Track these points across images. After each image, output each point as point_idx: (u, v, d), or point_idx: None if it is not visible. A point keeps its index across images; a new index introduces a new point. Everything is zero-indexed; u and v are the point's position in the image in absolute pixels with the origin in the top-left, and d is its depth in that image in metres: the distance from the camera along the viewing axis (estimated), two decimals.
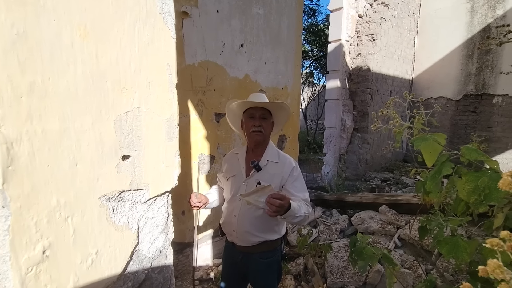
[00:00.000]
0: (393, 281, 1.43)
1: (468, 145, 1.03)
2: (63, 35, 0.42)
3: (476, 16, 6.17)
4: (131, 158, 0.55)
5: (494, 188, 0.85)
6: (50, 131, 0.41)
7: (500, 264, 0.33)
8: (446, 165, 1.05)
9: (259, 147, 1.53)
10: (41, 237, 0.42)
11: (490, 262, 0.34)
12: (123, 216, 0.56)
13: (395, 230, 3.40)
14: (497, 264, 0.33)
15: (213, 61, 2.88)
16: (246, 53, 3.35)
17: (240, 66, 3.27)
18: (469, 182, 0.93)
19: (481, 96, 6.30)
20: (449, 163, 1.05)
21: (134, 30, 0.52)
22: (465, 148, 1.01)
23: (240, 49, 3.24)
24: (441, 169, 1.05)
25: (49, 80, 0.41)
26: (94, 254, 0.50)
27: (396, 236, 3.28)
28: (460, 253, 1.06)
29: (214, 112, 2.94)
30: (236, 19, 3.16)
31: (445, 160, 1.07)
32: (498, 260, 0.35)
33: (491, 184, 0.87)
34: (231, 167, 1.59)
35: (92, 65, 0.46)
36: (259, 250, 1.51)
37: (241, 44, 3.27)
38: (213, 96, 2.92)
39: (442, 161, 1.07)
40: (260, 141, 1.49)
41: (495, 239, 0.36)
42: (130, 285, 0.60)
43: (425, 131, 1.13)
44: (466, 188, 0.93)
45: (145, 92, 0.56)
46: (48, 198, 0.43)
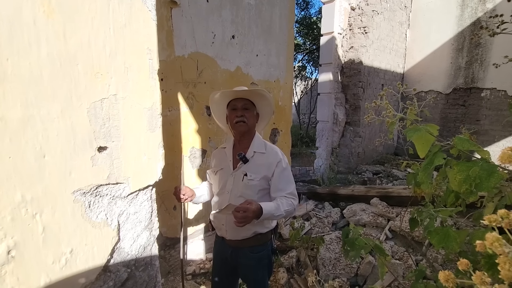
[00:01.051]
0: (384, 271, 1.44)
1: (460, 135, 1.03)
2: (23, 11, 0.37)
3: (467, 9, 6.21)
4: (108, 149, 0.51)
5: (485, 177, 0.85)
6: (10, 120, 0.37)
7: (499, 237, 0.31)
8: (438, 156, 1.05)
9: (244, 139, 1.52)
10: (4, 236, 0.38)
11: (488, 236, 0.32)
12: (101, 212, 0.52)
13: (386, 222, 3.45)
14: (496, 237, 0.31)
15: (204, 52, 2.82)
16: (237, 45, 3.28)
17: (231, 58, 3.21)
18: (460, 172, 0.93)
19: (470, 89, 6.40)
20: (441, 154, 1.05)
21: (108, 9, 0.48)
22: (457, 138, 1.00)
23: (231, 40, 3.18)
24: (433, 159, 1.05)
25: (8, 61, 0.36)
26: (68, 253, 0.47)
27: (387, 228, 3.33)
28: (450, 243, 1.07)
29: (205, 106, 2.88)
30: (227, 10, 3.08)
31: (437, 151, 1.06)
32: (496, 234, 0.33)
33: (482, 173, 0.87)
34: (219, 161, 1.59)
35: (59, 46, 0.42)
36: (249, 245, 1.50)
37: (232, 36, 3.20)
38: (204, 88, 2.85)
39: (434, 152, 1.06)
40: (244, 132, 1.48)
41: (493, 215, 0.34)
42: (111, 285, 0.57)
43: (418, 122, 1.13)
44: (458, 178, 0.93)
45: (122, 78, 0.52)
46: (11, 193, 0.39)
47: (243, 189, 1.44)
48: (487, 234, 0.38)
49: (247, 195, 1.43)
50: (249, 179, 1.44)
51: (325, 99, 6.01)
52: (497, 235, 0.36)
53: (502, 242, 0.35)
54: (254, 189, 1.44)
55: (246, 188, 1.44)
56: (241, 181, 1.45)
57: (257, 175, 1.44)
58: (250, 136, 1.52)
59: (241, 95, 1.48)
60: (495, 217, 0.38)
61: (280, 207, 1.35)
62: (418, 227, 1.41)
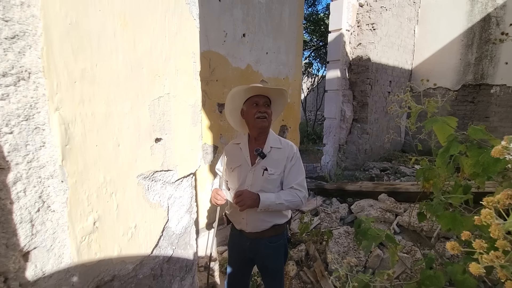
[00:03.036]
0: (395, 259, 1.50)
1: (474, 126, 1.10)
2: (107, 25, 0.45)
3: (477, 5, 6.14)
4: (162, 141, 0.59)
5: (492, 163, 0.92)
6: (98, 114, 0.45)
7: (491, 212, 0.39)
8: (453, 145, 1.11)
9: (262, 135, 1.55)
10: (92, 210, 0.47)
11: (483, 211, 0.39)
12: (155, 194, 0.60)
13: (394, 217, 3.49)
14: (488, 212, 0.39)
15: (216, 51, 2.89)
16: (248, 43, 3.34)
17: (242, 56, 3.27)
18: (472, 157, 1.00)
19: (480, 86, 6.34)
20: (456, 143, 1.11)
21: (164, 20, 0.56)
22: (472, 128, 1.07)
23: (242, 39, 3.24)
24: (449, 147, 1.11)
25: (97, 67, 0.44)
26: (133, 227, 0.55)
27: (395, 222, 3.38)
28: (457, 226, 1.13)
29: (217, 103, 2.96)
30: (238, 8, 3.14)
31: (453, 140, 1.13)
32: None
33: (490, 159, 0.94)
34: (234, 157, 1.60)
35: (130, 53, 0.50)
36: (268, 235, 1.55)
37: (243, 34, 3.26)
38: (215, 86, 2.93)
39: (451, 140, 1.13)
40: (265, 127, 1.52)
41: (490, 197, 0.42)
42: (161, 259, 0.65)
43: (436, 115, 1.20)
44: (469, 162, 1.00)
45: (174, 79, 0.60)
46: (97, 175, 0.47)
47: (264, 183, 1.49)
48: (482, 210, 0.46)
49: (268, 189, 1.48)
50: (270, 174, 1.48)
51: (333, 96, 6.03)
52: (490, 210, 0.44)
53: (493, 215, 0.43)
54: (275, 183, 1.49)
55: (267, 182, 1.48)
56: (261, 176, 1.49)
57: (276, 169, 1.49)
58: (266, 132, 1.58)
59: (266, 92, 1.52)
60: (492, 198, 0.46)
61: (280, 197, 1.43)
62: (426, 220, 1.47)
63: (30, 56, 0.37)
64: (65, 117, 0.41)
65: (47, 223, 0.41)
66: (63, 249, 0.44)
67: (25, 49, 0.37)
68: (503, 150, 0.45)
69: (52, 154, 0.41)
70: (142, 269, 0.60)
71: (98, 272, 0.50)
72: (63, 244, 0.44)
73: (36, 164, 0.39)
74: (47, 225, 0.41)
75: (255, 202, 1.39)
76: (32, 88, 0.38)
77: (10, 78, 0.36)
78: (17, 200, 0.38)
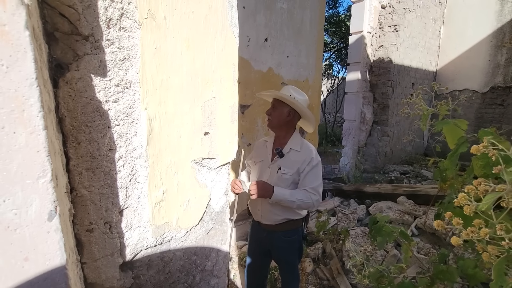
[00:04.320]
0: (409, 255, 1.57)
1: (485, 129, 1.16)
2: (177, 47, 0.61)
3: (507, 5, 5.90)
4: (209, 134, 0.75)
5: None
6: (169, 113, 0.61)
7: (465, 195, 0.51)
8: (463, 146, 1.18)
9: (282, 135, 1.68)
10: (162, 184, 0.63)
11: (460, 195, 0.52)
12: (202, 177, 0.76)
13: (413, 219, 3.49)
14: (464, 195, 0.51)
15: (239, 55, 3.04)
16: (270, 47, 3.49)
17: (264, 59, 3.42)
18: (482, 159, 1.06)
19: (510, 88, 6.08)
20: (466, 144, 1.18)
21: (214, 40, 0.71)
22: (482, 131, 1.13)
23: (264, 43, 3.39)
24: (458, 149, 1.18)
25: (170, 78, 0.61)
26: (187, 201, 0.71)
27: (413, 225, 3.38)
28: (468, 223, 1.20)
29: (240, 104, 3.13)
30: (261, 14, 3.29)
31: (463, 142, 1.19)
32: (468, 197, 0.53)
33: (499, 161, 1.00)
34: (259, 153, 1.77)
35: (190, 67, 0.66)
36: (282, 229, 1.66)
37: (265, 39, 3.41)
38: (238, 88, 3.10)
39: (461, 143, 1.19)
40: (271, 127, 1.65)
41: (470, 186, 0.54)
42: (204, 230, 0.81)
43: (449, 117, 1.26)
44: (479, 164, 1.07)
45: (219, 85, 0.75)
46: (166, 158, 0.63)
47: (277, 180, 1.60)
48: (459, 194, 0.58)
49: (280, 187, 1.59)
50: (283, 173, 1.60)
51: (353, 98, 6.04)
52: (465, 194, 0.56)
53: (467, 198, 0.55)
54: (287, 182, 1.60)
55: (280, 180, 1.60)
56: (276, 173, 1.62)
57: (290, 170, 1.58)
58: (288, 133, 1.68)
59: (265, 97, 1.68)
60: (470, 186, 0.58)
61: (294, 195, 1.52)
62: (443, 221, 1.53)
63: (131, 72, 0.54)
64: (150, 114, 0.57)
65: (134, 191, 0.58)
66: (143, 211, 0.60)
67: (129, 67, 0.53)
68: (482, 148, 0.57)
69: (141, 140, 0.57)
70: (190, 235, 0.76)
71: (163, 232, 0.66)
72: (144, 207, 0.60)
73: (131, 148, 0.56)
74: (135, 192, 0.58)
75: (267, 193, 1.47)
76: (131, 94, 0.54)
77: (120, 88, 0.52)
78: (119, 172, 0.55)
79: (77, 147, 0.47)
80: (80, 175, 0.48)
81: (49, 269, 0.38)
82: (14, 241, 0.36)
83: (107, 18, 0.48)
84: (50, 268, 0.38)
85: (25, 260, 0.36)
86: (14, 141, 0.35)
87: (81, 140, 0.47)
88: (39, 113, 0.37)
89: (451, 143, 1.14)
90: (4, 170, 0.34)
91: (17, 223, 0.36)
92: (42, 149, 0.38)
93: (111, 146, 0.52)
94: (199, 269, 0.81)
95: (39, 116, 0.37)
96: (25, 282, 0.36)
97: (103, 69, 0.49)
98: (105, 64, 0.49)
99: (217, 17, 0.70)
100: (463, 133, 1.16)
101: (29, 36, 0.34)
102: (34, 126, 0.37)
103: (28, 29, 0.34)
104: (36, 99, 0.36)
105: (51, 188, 0.39)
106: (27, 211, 0.36)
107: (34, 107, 0.37)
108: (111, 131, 0.52)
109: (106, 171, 0.52)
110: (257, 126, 3.38)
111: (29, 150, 0.37)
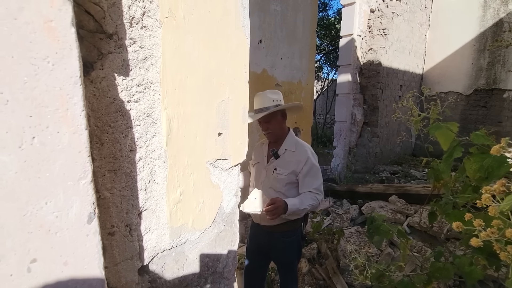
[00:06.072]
0: (406, 253, 1.61)
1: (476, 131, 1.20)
2: (194, 47, 0.61)
3: (489, 10, 6.16)
4: (222, 135, 0.74)
5: (496, 167, 1.03)
6: (186, 113, 0.60)
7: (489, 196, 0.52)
8: (457, 149, 1.22)
9: (278, 139, 1.69)
10: (179, 185, 0.62)
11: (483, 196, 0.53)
12: (215, 178, 0.75)
13: (405, 218, 3.57)
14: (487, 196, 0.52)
15: None
16: (264, 49, 3.51)
17: (258, 61, 3.44)
18: (476, 162, 1.09)
19: (492, 90, 6.34)
20: (460, 148, 1.22)
21: (228, 41, 0.71)
22: (474, 134, 1.17)
23: (259, 45, 3.41)
24: (453, 152, 1.22)
25: (187, 78, 0.60)
26: (202, 203, 0.70)
27: (405, 223, 3.46)
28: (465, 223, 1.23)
29: None
30: (255, 16, 3.31)
31: (456, 145, 1.23)
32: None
33: (494, 164, 1.04)
34: (257, 155, 1.79)
35: (206, 67, 0.65)
36: (281, 230, 1.68)
37: (260, 40, 3.43)
38: None
39: (454, 146, 1.23)
40: (273, 139, 1.67)
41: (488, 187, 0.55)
42: (216, 231, 0.81)
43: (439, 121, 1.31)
44: (473, 167, 1.10)
45: (232, 86, 0.75)
46: (183, 159, 0.62)
47: (273, 181, 1.63)
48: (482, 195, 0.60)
49: (276, 187, 1.63)
50: (278, 173, 1.62)
51: (344, 99, 6.14)
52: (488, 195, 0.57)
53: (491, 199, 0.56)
54: (282, 182, 1.62)
55: (275, 181, 1.62)
56: (272, 174, 1.64)
57: (285, 170, 1.60)
58: (283, 136, 1.70)
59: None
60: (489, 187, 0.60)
61: (304, 202, 1.53)
62: (437, 220, 1.57)
63: (152, 72, 0.53)
64: (169, 114, 0.57)
65: (153, 192, 0.57)
66: (161, 213, 0.59)
67: (150, 67, 0.52)
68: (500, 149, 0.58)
69: (160, 141, 0.56)
70: (204, 237, 0.76)
71: (179, 234, 0.65)
72: (162, 209, 0.59)
73: (150, 148, 0.55)
74: (153, 194, 0.57)
75: (283, 211, 1.45)
76: (152, 94, 0.53)
77: (141, 87, 0.51)
78: (139, 173, 0.54)
79: (101, 147, 0.46)
80: (103, 176, 0.46)
81: (86, 274, 0.36)
82: (54, 245, 0.34)
83: (130, 17, 0.47)
84: (88, 272, 0.37)
85: (64, 265, 0.35)
86: (58, 141, 0.34)
87: (104, 141, 0.46)
88: (81, 112, 0.36)
89: (444, 144, 1.18)
90: (47, 171, 0.33)
91: (58, 226, 0.34)
92: (84, 149, 0.37)
93: (132, 146, 0.51)
94: (211, 272, 0.80)
95: (81, 115, 0.36)
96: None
97: (125, 68, 0.48)
98: (128, 63, 0.48)
99: (231, 18, 0.70)
100: (454, 135, 1.19)
101: (75, 33, 0.33)
102: (77, 126, 0.35)
103: (74, 26, 0.33)
104: (79, 98, 0.35)
105: (91, 189, 0.38)
106: (68, 214, 0.35)
107: (77, 106, 0.35)
108: (132, 131, 0.51)
109: (127, 173, 0.51)
110: (252, 128, 3.38)
111: (72, 150, 0.35)
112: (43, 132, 0.34)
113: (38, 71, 0.33)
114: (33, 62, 0.32)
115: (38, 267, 0.32)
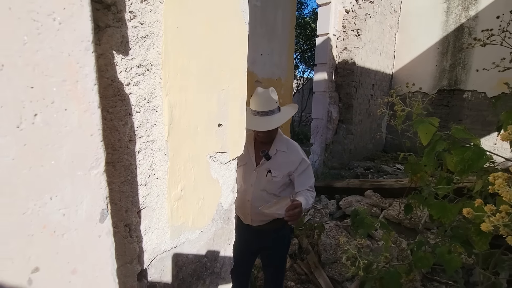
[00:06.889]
0: (389, 245, 1.67)
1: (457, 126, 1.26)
2: (197, 29, 0.56)
3: (451, 16, 6.63)
4: (222, 126, 0.69)
5: (476, 159, 1.08)
6: (188, 101, 0.55)
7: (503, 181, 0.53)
8: (439, 143, 1.27)
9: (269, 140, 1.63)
10: (180, 180, 0.56)
11: (497, 182, 0.54)
12: (215, 172, 0.70)
13: (380, 211, 3.74)
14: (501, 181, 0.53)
15: None
16: None
17: None
18: (456, 156, 1.14)
19: (453, 91, 6.84)
20: (442, 142, 1.27)
21: (229, 25, 0.67)
22: (454, 128, 1.23)
23: None
24: (435, 146, 1.27)
25: (189, 62, 0.54)
26: (202, 199, 0.65)
27: (381, 216, 3.61)
28: (446, 214, 1.29)
29: None
30: None
31: (438, 139, 1.29)
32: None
33: (473, 156, 1.09)
34: (240, 156, 1.73)
35: (208, 52, 0.60)
36: (271, 227, 1.67)
37: None
38: None
39: (436, 140, 1.29)
40: (267, 140, 1.60)
41: (498, 173, 0.56)
42: (214, 229, 0.76)
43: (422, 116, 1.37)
44: (454, 160, 1.15)
45: (231, 74, 0.70)
46: (185, 151, 0.56)
47: (266, 184, 1.58)
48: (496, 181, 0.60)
49: (270, 189, 1.59)
50: (273, 176, 1.57)
51: (320, 97, 6.27)
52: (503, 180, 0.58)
53: (505, 184, 0.57)
54: (277, 184, 1.59)
55: (270, 183, 1.58)
56: (265, 177, 1.58)
57: (280, 172, 1.56)
58: (274, 136, 1.64)
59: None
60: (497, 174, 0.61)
61: (309, 201, 1.53)
62: (413, 212, 1.65)
63: (153, 52, 0.47)
64: (171, 101, 0.51)
65: (153, 188, 0.51)
66: (162, 211, 0.53)
67: (150, 46, 0.46)
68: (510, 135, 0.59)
69: (161, 131, 0.50)
70: (203, 236, 0.70)
71: (180, 233, 0.60)
72: (162, 206, 0.53)
73: (150, 139, 0.49)
74: (153, 190, 0.51)
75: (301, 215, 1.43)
76: (153, 77, 0.47)
77: (141, 69, 0.45)
78: (139, 166, 0.47)
79: None
80: None
81: (98, 284, 0.30)
82: (60, 250, 0.27)
83: None
84: (100, 282, 0.30)
85: (72, 273, 0.28)
86: (65, 120, 0.27)
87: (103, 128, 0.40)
88: (94, 86, 0.29)
89: (423, 139, 1.22)
90: (52, 158, 0.26)
91: (64, 226, 0.28)
92: (96, 132, 0.30)
93: (131, 136, 0.45)
94: (209, 272, 0.75)
95: (94, 90, 0.29)
96: None
97: (125, 46, 0.42)
98: (127, 41, 0.42)
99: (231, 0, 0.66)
100: (435, 129, 1.24)
101: None
102: (88, 103, 0.29)
103: None
104: (91, 68, 0.28)
105: (104, 181, 0.31)
106: (77, 211, 0.28)
107: (89, 78, 0.28)
108: (132, 119, 0.44)
109: (127, 165, 0.44)
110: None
111: (82, 133, 0.28)
112: (47, 108, 0.27)
113: (41, 29, 0.26)
114: (35, 17, 0.25)
115: (41, 278, 0.25)
